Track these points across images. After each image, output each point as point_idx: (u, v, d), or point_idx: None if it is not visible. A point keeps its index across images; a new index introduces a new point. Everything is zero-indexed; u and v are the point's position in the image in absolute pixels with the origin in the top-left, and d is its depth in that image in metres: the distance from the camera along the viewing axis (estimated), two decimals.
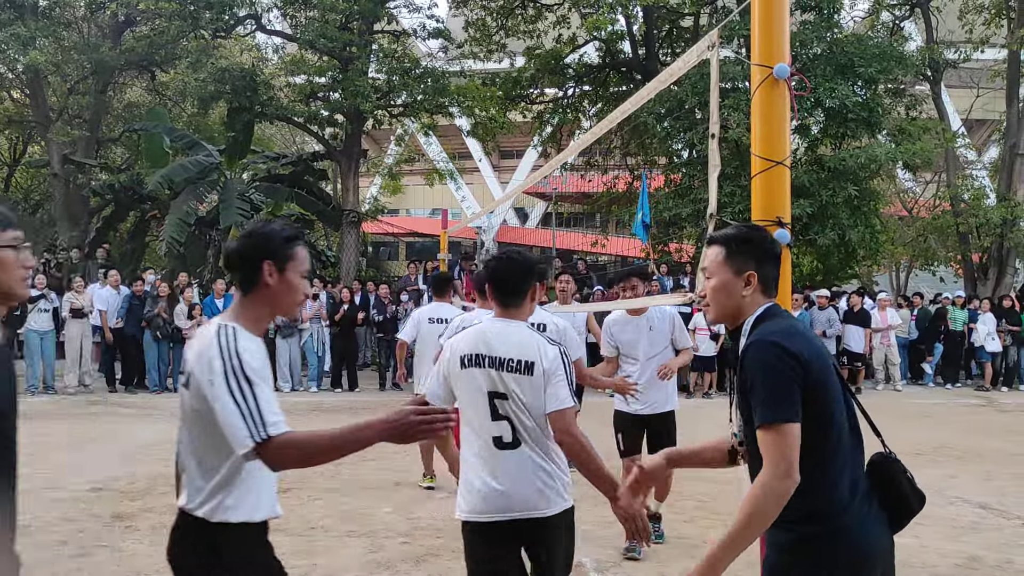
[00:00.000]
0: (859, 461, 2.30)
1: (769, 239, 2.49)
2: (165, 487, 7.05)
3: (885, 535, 2.29)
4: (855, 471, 2.27)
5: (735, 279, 2.40)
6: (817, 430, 2.21)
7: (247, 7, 18.26)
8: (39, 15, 17.71)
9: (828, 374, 2.25)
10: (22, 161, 24.58)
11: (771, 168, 2.83)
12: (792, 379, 2.18)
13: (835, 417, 2.24)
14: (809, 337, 2.31)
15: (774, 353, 2.21)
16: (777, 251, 2.46)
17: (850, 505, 2.22)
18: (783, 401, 2.17)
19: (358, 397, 13.56)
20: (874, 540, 2.25)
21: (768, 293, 2.43)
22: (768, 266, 2.43)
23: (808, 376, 2.19)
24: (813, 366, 2.21)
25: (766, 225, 2.83)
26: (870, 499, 2.28)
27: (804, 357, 2.20)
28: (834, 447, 2.23)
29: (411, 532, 5.88)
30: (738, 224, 2.51)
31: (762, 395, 2.20)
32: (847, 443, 2.26)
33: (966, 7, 20.22)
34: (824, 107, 15.13)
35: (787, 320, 2.37)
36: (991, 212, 18.13)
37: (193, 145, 18.65)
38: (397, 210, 36.37)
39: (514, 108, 21.13)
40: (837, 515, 2.21)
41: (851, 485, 2.24)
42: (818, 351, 2.27)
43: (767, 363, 2.21)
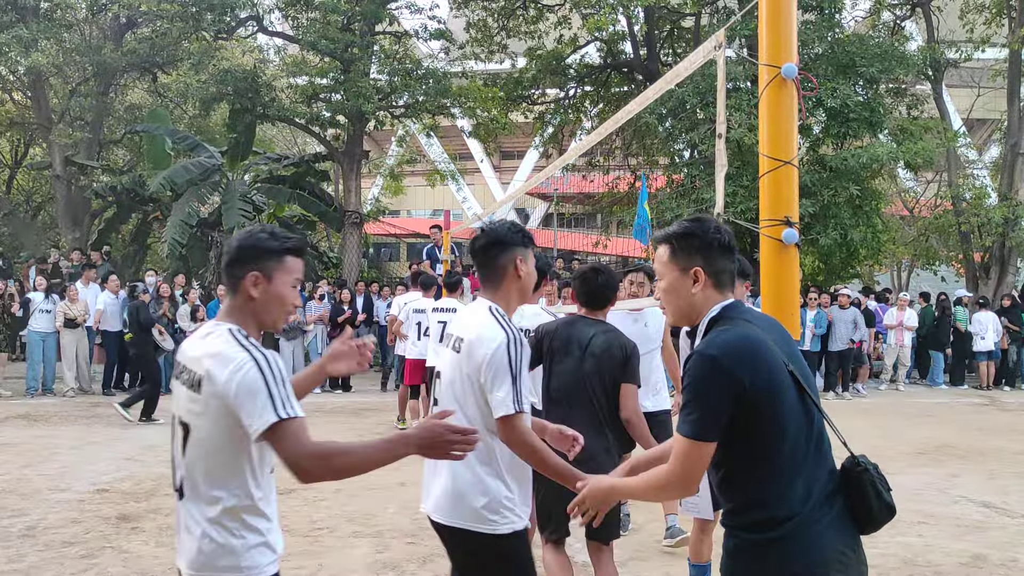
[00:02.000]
0: (817, 468, 2.22)
1: (714, 229, 2.34)
2: (170, 488, 7.05)
3: (844, 543, 2.20)
4: (810, 478, 2.19)
5: (682, 277, 2.33)
6: (764, 442, 2.17)
7: (249, 9, 18.26)
8: (41, 17, 17.71)
9: (777, 386, 2.16)
10: (24, 163, 24.57)
11: (779, 168, 2.84)
12: (721, 398, 2.14)
13: (786, 429, 2.17)
14: (757, 348, 2.18)
15: (708, 368, 2.16)
16: (725, 241, 2.32)
17: (800, 512, 2.16)
18: (703, 419, 2.15)
19: (359, 398, 13.55)
20: (828, 548, 2.17)
21: (722, 288, 2.33)
22: (717, 259, 2.31)
23: (744, 394, 2.13)
24: (754, 382, 2.13)
25: (774, 224, 2.84)
26: (829, 506, 2.20)
27: (738, 374, 2.13)
28: (784, 458, 2.18)
29: (417, 532, 5.88)
30: (683, 219, 2.41)
31: (688, 408, 2.19)
32: (801, 451, 2.19)
33: (967, 7, 20.21)
34: (826, 107, 15.14)
35: (739, 326, 2.25)
36: (992, 211, 18.12)
37: (195, 147, 18.66)
38: (398, 211, 36.37)
39: (515, 109, 21.13)
40: (783, 522, 2.17)
41: (804, 493, 2.18)
42: (767, 364, 2.16)
43: (699, 378, 2.18)
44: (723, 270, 2.32)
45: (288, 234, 2.42)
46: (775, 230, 2.84)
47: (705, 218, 2.40)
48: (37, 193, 25.35)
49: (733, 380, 2.12)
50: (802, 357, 2.33)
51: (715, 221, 2.39)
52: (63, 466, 7.92)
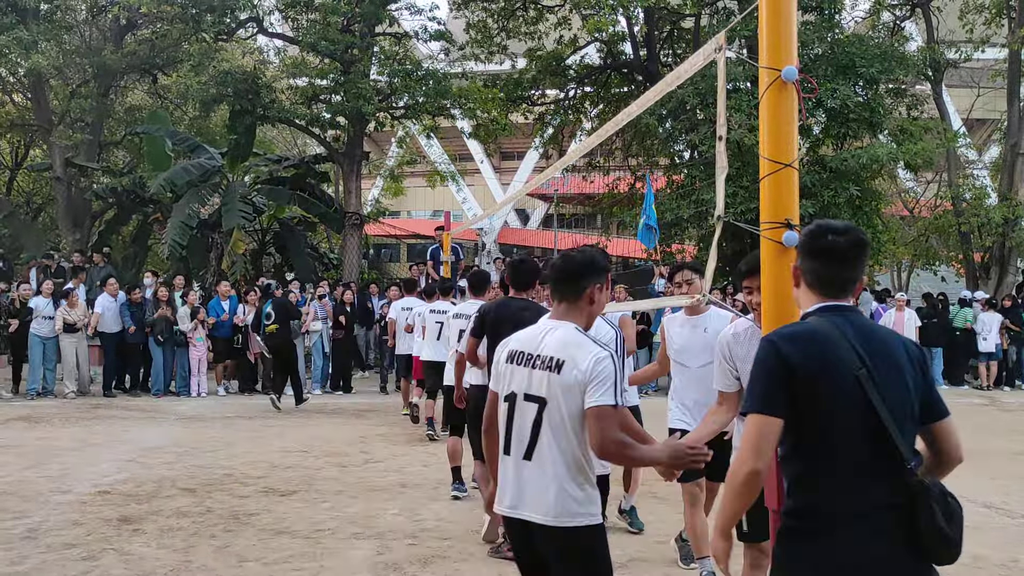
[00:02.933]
0: (871, 476, 2.27)
1: (806, 235, 2.50)
2: (172, 490, 7.08)
3: (889, 559, 2.25)
4: (858, 483, 2.27)
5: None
6: (803, 429, 2.31)
7: (249, 10, 18.26)
8: (41, 19, 17.72)
9: (824, 381, 2.27)
10: (24, 165, 24.57)
11: (779, 170, 2.85)
12: (775, 375, 2.31)
13: (824, 423, 2.28)
14: (816, 341, 2.31)
15: (765, 350, 2.36)
16: (818, 246, 2.44)
17: (839, 513, 2.25)
18: (758, 393, 2.33)
19: (361, 399, 13.56)
20: (866, 557, 2.23)
21: (819, 290, 2.45)
22: (806, 262, 2.47)
23: (793, 377, 2.28)
24: (804, 370, 2.28)
25: (775, 227, 2.84)
26: (883, 517, 2.26)
27: (792, 359, 2.29)
28: (822, 450, 2.29)
29: (418, 534, 5.89)
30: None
31: (748, 385, 2.40)
32: (852, 453, 2.27)
33: (967, 7, 20.22)
34: (825, 107, 15.15)
35: (807, 324, 2.41)
36: (992, 212, 18.14)
37: (195, 148, 18.67)
38: (398, 212, 36.38)
39: (515, 110, 21.11)
40: (818, 518, 2.28)
41: (848, 494, 2.26)
42: (818, 356, 2.29)
43: (757, 357, 2.38)
44: (811, 271, 2.47)
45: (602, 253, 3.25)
46: (775, 232, 2.85)
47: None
48: (37, 195, 25.36)
49: (785, 365, 2.30)
50: (901, 377, 2.35)
51: (809, 229, 2.53)
52: (64, 468, 7.92)
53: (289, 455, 8.72)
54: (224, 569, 5.13)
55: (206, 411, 12.02)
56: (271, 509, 6.50)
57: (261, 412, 11.97)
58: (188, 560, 5.26)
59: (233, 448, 9.09)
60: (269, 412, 11.95)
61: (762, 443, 2.29)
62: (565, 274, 3.12)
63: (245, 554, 5.40)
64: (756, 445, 2.30)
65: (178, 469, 7.94)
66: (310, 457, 8.63)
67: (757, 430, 2.30)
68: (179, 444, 9.26)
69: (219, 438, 9.73)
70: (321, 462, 8.38)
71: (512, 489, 3.02)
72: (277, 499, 6.84)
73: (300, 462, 8.37)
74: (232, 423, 10.95)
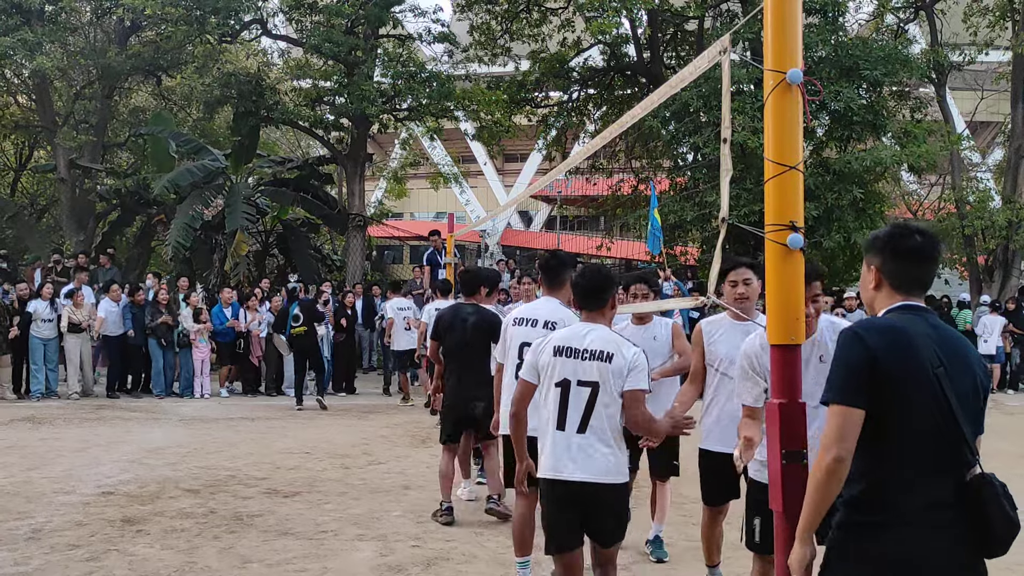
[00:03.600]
0: (937, 473, 2.32)
1: (888, 236, 2.52)
2: (175, 491, 7.08)
3: (948, 554, 2.29)
4: (924, 480, 2.31)
5: (866, 274, 2.58)
6: (877, 421, 2.33)
7: (253, 12, 18.30)
8: (45, 20, 17.75)
9: (905, 375, 2.31)
10: (28, 166, 24.63)
11: (784, 172, 2.84)
12: (858, 367, 2.33)
13: (900, 417, 2.31)
14: (899, 336, 2.35)
15: (848, 341, 2.39)
16: (904, 246, 2.48)
17: (905, 507, 2.29)
18: (840, 385, 2.35)
19: (363, 401, 13.56)
20: (927, 552, 2.27)
21: (899, 290, 2.48)
22: (889, 263, 2.49)
23: (876, 369, 2.31)
24: (886, 362, 2.31)
25: (779, 229, 2.84)
26: (945, 513, 2.30)
27: (876, 351, 2.32)
28: (894, 443, 2.32)
29: (421, 535, 5.89)
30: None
31: (829, 376, 2.42)
32: (922, 449, 2.31)
33: (971, 9, 20.19)
34: (829, 110, 15.14)
35: (889, 319, 2.45)
36: (996, 214, 18.12)
37: (199, 150, 18.69)
38: (401, 214, 36.41)
39: (519, 112, 21.11)
40: (884, 511, 2.31)
41: (911, 489, 2.30)
42: (901, 351, 2.33)
43: (839, 348, 2.42)
44: (893, 271, 2.50)
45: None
46: (780, 235, 2.85)
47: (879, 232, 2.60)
48: (41, 196, 25.40)
49: (868, 353, 2.33)
50: (973, 380, 2.40)
51: (887, 230, 2.58)
52: (68, 469, 7.93)
53: (292, 456, 8.73)
54: (227, 570, 5.13)
55: (209, 412, 12.03)
56: (274, 510, 6.50)
57: (264, 413, 11.98)
58: (191, 561, 5.26)
59: (236, 449, 9.10)
60: (271, 413, 11.97)
61: (847, 433, 2.32)
62: (593, 288, 3.87)
63: (248, 555, 5.40)
64: (840, 434, 2.32)
65: (181, 470, 7.95)
66: (313, 458, 8.63)
67: (841, 421, 2.33)
68: (182, 445, 9.27)
69: (222, 439, 9.74)
70: (324, 463, 8.39)
71: (565, 457, 3.69)
72: (280, 500, 6.84)
73: (303, 463, 8.38)
74: (235, 424, 10.96)
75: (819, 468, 2.35)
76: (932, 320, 2.45)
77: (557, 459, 3.70)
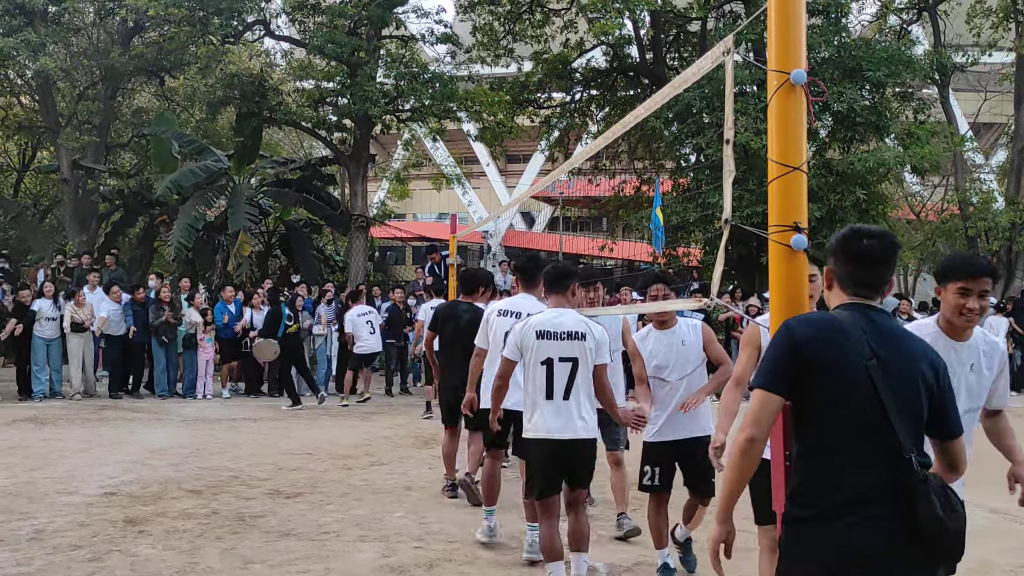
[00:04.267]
0: (863, 468, 2.31)
1: (840, 240, 2.58)
2: (178, 492, 7.08)
3: (887, 550, 2.26)
4: (858, 471, 2.31)
5: (825, 274, 2.65)
6: (806, 414, 2.40)
7: (256, 13, 18.32)
8: (49, 21, 17.78)
9: (831, 367, 2.34)
10: (31, 166, 24.67)
11: (788, 173, 2.84)
12: (781, 355, 2.40)
13: (825, 407, 2.35)
14: (829, 328, 2.40)
15: (778, 331, 2.49)
16: (853, 249, 2.53)
17: (835, 500, 2.30)
18: (763, 370, 2.44)
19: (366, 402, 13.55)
20: (864, 546, 2.25)
21: (847, 291, 2.54)
22: (840, 265, 2.55)
23: (799, 359, 2.37)
24: (809, 352, 2.36)
25: (783, 230, 2.83)
26: (878, 508, 2.27)
27: (799, 341, 2.38)
28: (823, 436, 2.35)
29: (423, 537, 5.88)
30: None
31: (759, 363, 2.50)
32: (844, 437, 2.33)
33: (974, 11, 20.18)
34: (832, 111, 15.13)
35: (826, 313, 2.52)
36: (999, 216, 18.11)
37: (202, 150, 18.70)
38: (404, 214, 36.42)
39: (521, 113, 21.12)
40: (816, 504, 2.33)
41: (843, 482, 2.30)
42: (828, 343, 2.37)
43: (772, 338, 2.51)
44: (842, 274, 2.57)
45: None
46: (784, 236, 2.84)
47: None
48: (44, 196, 25.43)
49: (793, 343, 2.40)
50: (913, 375, 2.38)
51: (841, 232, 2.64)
52: (70, 469, 7.93)
53: (294, 457, 8.72)
54: (230, 571, 5.13)
55: (211, 413, 12.03)
56: (277, 511, 6.50)
57: (266, 414, 11.99)
58: (194, 562, 5.26)
59: (239, 450, 9.10)
60: (274, 414, 11.98)
61: (762, 416, 2.38)
62: (558, 275, 4.76)
63: (251, 556, 5.40)
64: (756, 417, 2.38)
65: (184, 471, 7.95)
66: (315, 459, 8.63)
67: (760, 405, 2.39)
68: (185, 446, 9.27)
69: (225, 440, 9.74)
70: (327, 464, 8.39)
71: (555, 420, 4.50)
72: (283, 501, 6.84)
73: (305, 464, 8.38)
74: (237, 425, 10.96)
75: (734, 447, 2.41)
76: (876, 317, 2.46)
77: (547, 422, 4.51)
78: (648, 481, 4.99)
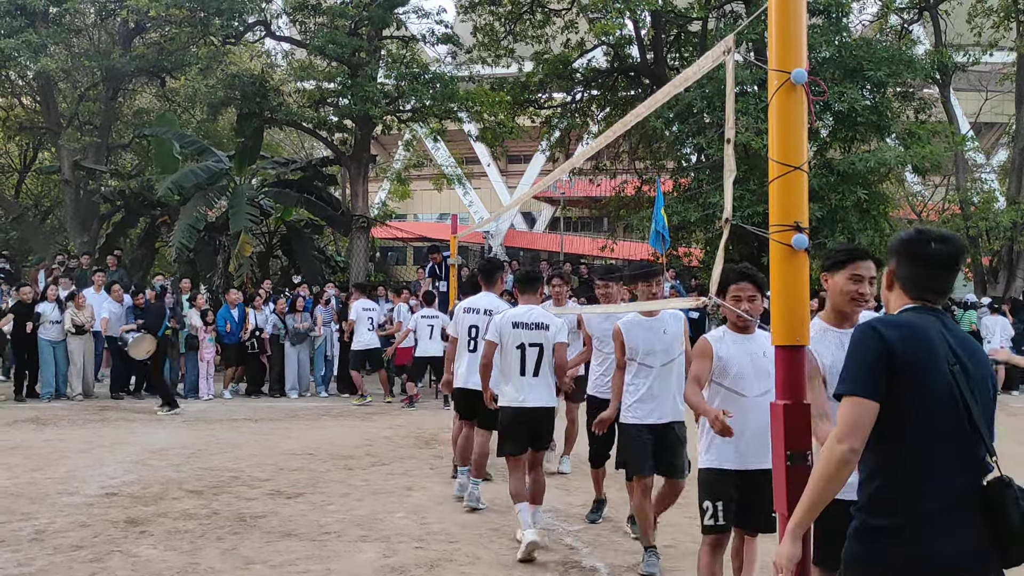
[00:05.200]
0: (953, 474, 2.28)
1: (906, 242, 2.49)
2: (179, 492, 7.08)
3: (968, 557, 2.23)
4: (944, 479, 2.26)
5: (886, 272, 2.58)
6: (891, 419, 2.29)
7: (256, 14, 18.30)
8: (50, 22, 17.79)
9: (921, 371, 2.28)
10: (32, 167, 24.67)
11: (788, 173, 2.83)
12: (875, 358, 2.29)
13: (916, 413, 2.28)
14: (915, 331, 2.33)
15: (864, 334, 2.36)
16: (921, 252, 2.45)
17: (921, 509, 2.24)
18: (855, 376, 2.32)
19: (366, 403, 13.55)
20: (945, 555, 2.22)
21: (910, 294, 2.47)
22: (903, 267, 2.48)
23: (893, 362, 2.28)
24: (903, 356, 2.28)
25: (784, 230, 2.83)
26: (963, 515, 2.25)
27: (893, 344, 2.29)
28: (909, 442, 2.28)
29: (424, 537, 5.88)
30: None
31: (844, 367, 2.38)
32: (932, 444, 2.28)
33: (975, 10, 20.15)
34: (833, 111, 15.11)
35: (903, 316, 2.43)
36: (1001, 215, 18.08)
37: (203, 151, 18.71)
38: (405, 215, 36.42)
39: (522, 113, 21.10)
40: (899, 513, 2.26)
41: (930, 490, 2.25)
42: (918, 346, 2.30)
43: (854, 342, 2.38)
44: (906, 276, 2.49)
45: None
46: (785, 235, 2.84)
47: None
48: (46, 197, 25.45)
49: (885, 346, 2.30)
50: (987, 381, 2.40)
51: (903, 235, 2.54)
52: (72, 470, 7.94)
53: (295, 457, 8.73)
54: (231, 571, 5.13)
55: (212, 414, 12.04)
56: (277, 511, 6.50)
57: (267, 415, 11.99)
58: (195, 562, 5.26)
59: (239, 450, 9.10)
60: (274, 414, 11.98)
61: (860, 426, 2.28)
62: (528, 281, 6.10)
63: (252, 556, 5.40)
64: (854, 426, 2.28)
65: (185, 471, 7.95)
66: (316, 460, 8.63)
67: (855, 413, 2.29)
68: (185, 446, 9.27)
69: (226, 440, 9.75)
70: (327, 465, 8.39)
71: (527, 393, 5.76)
72: (283, 501, 6.84)
73: (306, 464, 8.38)
74: (238, 426, 10.96)
75: (830, 458, 2.28)
76: (946, 321, 2.43)
77: (520, 393, 5.78)
78: (711, 520, 4.10)
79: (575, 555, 5.55)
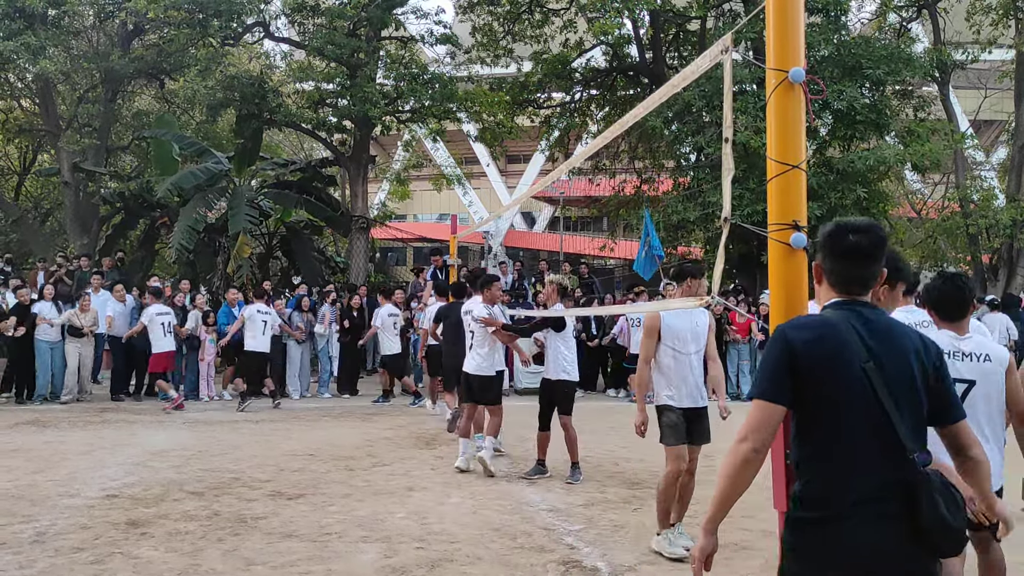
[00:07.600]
0: (872, 467, 2.30)
1: (826, 235, 2.53)
2: (179, 493, 7.08)
3: (893, 549, 2.27)
4: (862, 472, 2.30)
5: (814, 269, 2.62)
6: (808, 417, 2.37)
7: (255, 15, 18.32)
8: (49, 24, 17.79)
9: (828, 370, 2.32)
10: (32, 170, 24.69)
11: (787, 172, 2.84)
12: (779, 363, 2.37)
13: (827, 411, 2.33)
14: (825, 331, 2.37)
15: (773, 338, 2.45)
16: (840, 245, 2.48)
17: (841, 502, 2.29)
18: (760, 380, 2.40)
19: (367, 403, 13.55)
20: (870, 546, 2.26)
21: (836, 287, 2.50)
22: (827, 261, 2.51)
23: (796, 363, 2.34)
24: (806, 358, 2.33)
25: (783, 229, 2.83)
26: (883, 507, 2.28)
27: (796, 347, 2.35)
28: (827, 439, 2.33)
29: (425, 537, 5.88)
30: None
31: (756, 372, 2.48)
32: (847, 440, 2.31)
33: (973, 8, 20.15)
34: (832, 109, 15.12)
35: (820, 315, 2.47)
36: (1000, 213, 18.08)
37: (202, 152, 18.72)
38: (404, 215, 36.42)
39: (521, 113, 21.13)
40: (822, 506, 2.32)
41: (848, 483, 2.29)
42: (824, 346, 2.34)
43: (767, 346, 2.48)
44: (829, 270, 2.52)
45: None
46: (783, 234, 2.84)
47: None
48: (45, 199, 25.45)
49: (789, 349, 2.37)
50: (910, 371, 2.38)
51: (828, 227, 2.56)
52: (72, 472, 7.94)
53: (296, 458, 8.73)
54: (232, 572, 5.13)
55: (213, 415, 12.04)
56: (278, 512, 6.50)
57: (268, 416, 11.99)
58: (196, 564, 5.26)
59: (240, 452, 9.10)
60: (275, 415, 11.99)
61: (763, 427, 2.35)
62: (482, 283, 8.07)
63: (253, 557, 5.40)
64: (758, 426, 2.35)
65: (185, 473, 7.95)
66: (317, 460, 8.63)
67: (761, 415, 2.36)
68: (186, 448, 9.27)
69: (226, 442, 9.75)
70: (328, 465, 8.39)
71: (474, 363, 8.04)
72: (284, 502, 6.84)
73: (307, 465, 8.38)
74: (239, 427, 10.96)
75: (734, 458, 2.35)
76: (869, 314, 2.43)
77: (470, 363, 8.10)
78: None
79: (576, 555, 5.55)
